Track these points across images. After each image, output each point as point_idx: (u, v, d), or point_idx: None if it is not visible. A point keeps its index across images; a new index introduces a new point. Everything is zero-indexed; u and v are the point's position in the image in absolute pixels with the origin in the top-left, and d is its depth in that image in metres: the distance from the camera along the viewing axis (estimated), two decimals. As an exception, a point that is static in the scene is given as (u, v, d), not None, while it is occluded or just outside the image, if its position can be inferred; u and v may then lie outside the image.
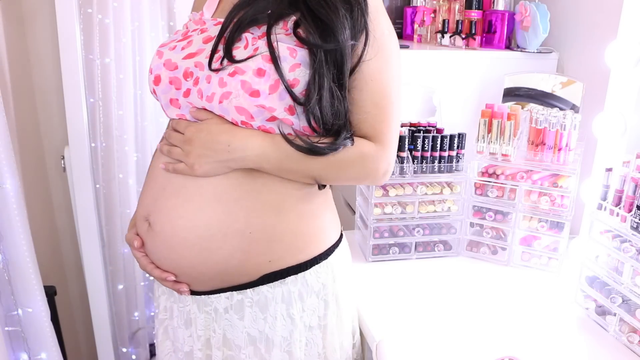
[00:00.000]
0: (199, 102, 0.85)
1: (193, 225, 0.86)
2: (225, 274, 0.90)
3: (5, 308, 1.23)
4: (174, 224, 0.87)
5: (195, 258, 0.88)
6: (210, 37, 0.87)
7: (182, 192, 0.87)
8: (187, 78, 0.86)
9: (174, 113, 0.89)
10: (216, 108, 0.83)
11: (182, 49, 0.87)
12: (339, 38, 0.79)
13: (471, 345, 1.02)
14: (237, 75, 0.80)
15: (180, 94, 0.87)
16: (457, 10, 1.61)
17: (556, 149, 1.25)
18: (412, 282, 1.26)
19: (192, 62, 0.85)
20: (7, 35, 1.47)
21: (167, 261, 0.90)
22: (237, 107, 0.81)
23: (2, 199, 1.16)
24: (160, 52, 0.89)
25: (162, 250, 0.90)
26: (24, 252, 1.21)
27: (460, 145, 1.31)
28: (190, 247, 0.87)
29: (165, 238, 0.88)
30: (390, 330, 1.06)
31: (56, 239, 1.80)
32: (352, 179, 0.92)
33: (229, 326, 0.93)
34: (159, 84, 0.88)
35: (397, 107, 0.88)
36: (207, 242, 0.87)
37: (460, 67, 1.50)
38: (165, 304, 1.01)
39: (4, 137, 1.15)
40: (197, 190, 0.86)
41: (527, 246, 1.31)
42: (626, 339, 1.02)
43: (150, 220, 0.90)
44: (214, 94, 0.82)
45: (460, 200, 1.34)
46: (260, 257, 0.89)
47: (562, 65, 1.53)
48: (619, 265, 1.04)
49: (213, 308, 0.93)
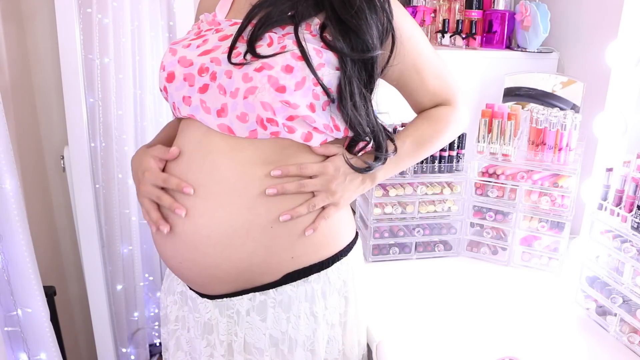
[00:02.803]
0: (220, 98, 0.83)
1: (215, 222, 0.85)
2: (248, 272, 0.88)
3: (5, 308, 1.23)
4: (195, 223, 0.85)
5: (219, 256, 0.86)
6: (226, 36, 0.86)
7: (200, 191, 0.85)
8: (202, 74, 0.84)
9: (185, 112, 0.87)
10: (240, 104, 0.82)
11: (198, 47, 0.86)
12: (368, 45, 0.83)
13: (471, 345, 1.02)
14: (264, 71, 0.81)
15: (194, 91, 0.85)
16: (458, 10, 1.61)
17: (556, 149, 1.25)
18: (412, 282, 1.26)
19: (208, 58, 0.85)
20: (7, 35, 1.47)
21: (189, 262, 0.88)
22: (263, 102, 0.81)
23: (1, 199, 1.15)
24: (173, 50, 0.88)
25: (184, 252, 0.87)
26: (23, 252, 1.21)
27: (461, 145, 1.30)
28: (213, 245, 0.85)
29: (187, 238, 0.86)
30: (390, 330, 1.06)
31: (56, 239, 1.80)
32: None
33: (250, 329, 0.91)
34: (173, 80, 0.87)
35: (447, 70, 0.99)
36: (229, 239, 0.85)
37: (460, 67, 1.50)
38: (177, 314, 0.98)
39: (4, 137, 1.14)
40: (216, 187, 0.85)
41: (527, 246, 1.31)
42: (627, 339, 1.02)
43: (170, 222, 0.88)
44: (238, 89, 0.82)
45: (461, 200, 1.34)
46: (283, 254, 0.87)
47: (562, 65, 1.53)
48: (620, 265, 1.04)
49: (235, 311, 0.91)
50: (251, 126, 0.83)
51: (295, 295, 0.90)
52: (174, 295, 0.99)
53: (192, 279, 0.91)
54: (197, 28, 0.93)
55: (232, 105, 0.83)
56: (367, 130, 0.87)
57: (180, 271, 0.91)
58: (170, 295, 1.00)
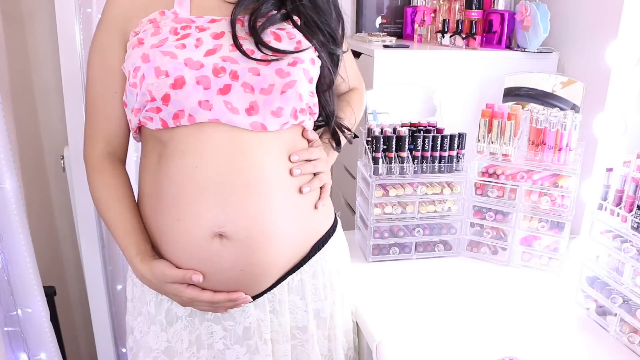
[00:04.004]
0: (246, 96, 0.83)
1: (270, 217, 0.86)
2: (292, 256, 0.92)
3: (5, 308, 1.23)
4: (251, 223, 0.84)
5: (279, 250, 0.88)
6: (218, 34, 0.85)
7: (249, 190, 0.84)
8: (219, 74, 0.82)
9: (205, 117, 0.82)
10: (277, 99, 0.84)
11: (197, 47, 0.83)
12: (338, 40, 0.95)
13: (471, 345, 1.02)
14: (298, 65, 0.85)
15: (213, 93, 0.82)
16: (458, 10, 1.61)
17: (556, 149, 1.25)
18: (412, 282, 1.26)
19: (217, 57, 0.82)
20: (7, 35, 1.47)
21: (252, 267, 0.86)
22: (300, 94, 0.86)
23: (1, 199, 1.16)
24: (167, 52, 0.81)
25: (247, 257, 0.86)
26: (23, 253, 1.21)
27: (461, 145, 1.30)
28: (274, 240, 0.87)
29: (249, 242, 0.85)
30: (390, 330, 1.06)
31: (56, 239, 1.80)
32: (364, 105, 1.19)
33: (292, 313, 0.96)
34: (183, 86, 0.81)
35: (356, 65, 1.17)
36: (283, 229, 0.88)
37: (460, 67, 1.50)
38: (189, 337, 0.93)
39: (4, 137, 1.15)
40: (262, 183, 0.85)
41: (527, 246, 1.31)
42: (627, 340, 1.02)
43: (225, 231, 0.84)
44: (273, 84, 0.83)
45: (461, 200, 1.34)
46: (309, 229, 0.94)
47: (562, 65, 1.53)
48: (620, 265, 1.04)
49: (277, 301, 0.93)
50: (284, 119, 0.86)
51: (325, 260, 0.98)
52: (177, 323, 0.93)
53: (245, 285, 0.88)
54: (153, 26, 0.86)
55: (265, 101, 0.83)
56: (334, 112, 0.98)
57: (237, 280, 0.87)
58: (169, 327, 0.93)
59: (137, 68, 0.82)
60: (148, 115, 0.84)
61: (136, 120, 0.87)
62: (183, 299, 0.87)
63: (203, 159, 0.83)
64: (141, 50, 0.83)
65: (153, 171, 0.88)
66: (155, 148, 0.88)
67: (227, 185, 0.83)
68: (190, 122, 0.83)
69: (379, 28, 1.79)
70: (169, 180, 0.85)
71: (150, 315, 0.94)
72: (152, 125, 0.85)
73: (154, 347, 0.94)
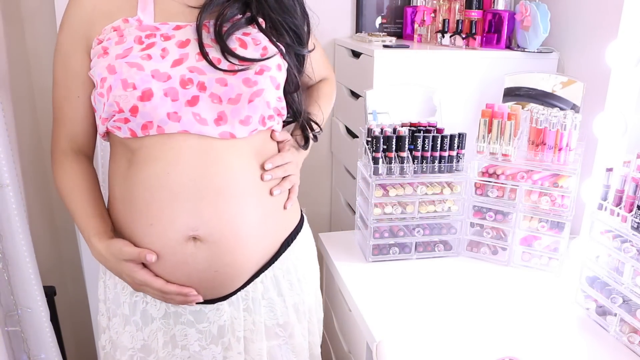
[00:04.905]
0: (214, 107, 0.83)
1: (245, 220, 0.87)
2: (264, 254, 0.94)
3: (5, 308, 1.23)
4: (226, 226, 0.85)
5: (254, 250, 0.90)
6: (183, 42, 0.83)
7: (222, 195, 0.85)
8: (187, 86, 0.82)
9: (174, 128, 0.82)
10: (245, 108, 0.84)
11: (163, 58, 0.81)
12: (304, 40, 0.96)
13: (471, 345, 1.02)
14: (265, 73, 0.85)
15: (181, 105, 0.82)
16: (458, 10, 1.61)
17: (556, 149, 1.25)
18: (412, 282, 1.26)
19: (184, 68, 0.82)
20: (7, 35, 1.47)
21: (227, 268, 0.88)
22: (267, 102, 0.86)
23: (2, 199, 1.16)
24: (135, 64, 0.80)
25: (222, 259, 0.87)
26: (23, 252, 1.21)
27: (461, 145, 1.30)
28: (248, 241, 0.89)
29: (225, 243, 0.86)
30: (390, 330, 1.06)
31: (56, 239, 1.80)
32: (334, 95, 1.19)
33: (269, 310, 0.97)
34: (151, 98, 0.80)
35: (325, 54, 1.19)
36: (257, 230, 0.90)
37: (460, 67, 1.50)
38: (164, 338, 0.94)
39: (4, 137, 1.15)
40: (233, 187, 0.86)
41: (527, 246, 1.31)
42: (627, 340, 1.02)
43: (199, 234, 0.85)
44: (240, 94, 0.83)
45: (461, 200, 1.34)
46: (279, 228, 0.97)
47: (562, 65, 1.53)
48: (620, 265, 1.04)
49: (251, 299, 0.94)
50: (252, 127, 0.87)
51: (294, 256, 1.00)
52: (152, 324, 0.93)
53: (219, 285, 0.90)
54: (117, 35, 0.84)
55: (233, 111, 0.84)
56: (302, 112, 1.00)
57: (212, 280, 0.88)
58: (145, 327, 0.93)
59: (103, 79, 0.82)
60: (116, 125, 0.84)
61: (104, 128, 0.87)
62: (135, 281, 0.87)
63: (174, 166, 0.83)
64: (106, 60, 0.82)
65: (123, 177, 0.88)
66: (124, 154, 0.88)
67: (199, 190, 0.84)
68: (159, 132, 0.83)
69: (379, 28, 1.79)
70: (141, 186, 0.85)
71: (125, 317, 0.94)
72: (120, 134, 0.85)
73: (129, 346, 0.95)
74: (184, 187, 0.84)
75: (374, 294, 1.20)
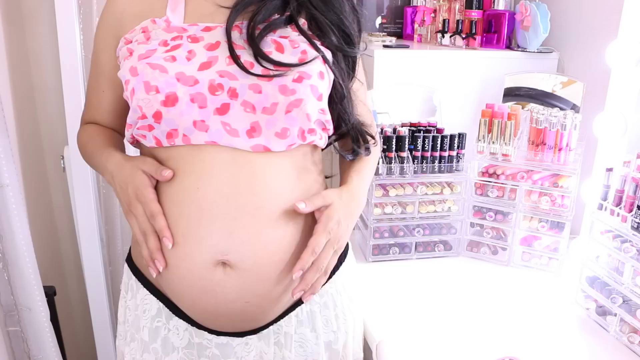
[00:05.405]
0: (247, 116, 0.75)
1: (281, 244, 0.78)
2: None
3: (5, 308, 1.23)
4: (268, 253, 0.77)
5: (286, 279, 0.80)
6: (212, 44, 0.77)
7: (257, 215, 0.76)
8: (216, 92, 0.74)
9: (200, 139, 0.75)
10: (281, 119, 0.75)
11: (189, 60, 0.74)
12: (354, 40, 0.83)
13: (471, 345, 1.02)
14: (304, 80, 0.75)
15: (210, 113, 0.74)
16: (458, 9, 1.61)
17: (557, 149, 1.25)
18: (412, 282, 1.26)
19: (213, 72, 0.74)
20: (7, 35, 1.47)
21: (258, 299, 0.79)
22: (308, 114, 0.76)
23: (2, 199, 1.16)
24: (158, 66, 0.74)
25: (253, 288, 0.78)
26: (23, 252, 1.21)
27: (461, 145, 1.30)
28: (282, 269, 0.78)
29: (257, 270, 0.77)
30: (390, 330, 1.06)
31: (56, 239, 1.80)
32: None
33: (300, 346, 0.87)
34: (175, 104, 0.73)
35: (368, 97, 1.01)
36: (295, 256, 0.79)
37: (460, 67, 1.50)
38: None
39: (4, 137, 1.15)
40: (268, 206, 0.77)
41: (527, 246, 1.31)
42: (627, 339, 1.02)
43: (229, 259, 0.76)
44: (276, 103, 0.74)
45: (461, 200, 1.34)
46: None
47: (562, 65, 1.53)
48: (620, 265, 1.04)
49: (283, 334, 0.85)
50: (290, 141, 0.78)
51: (335, 289, 0.90)
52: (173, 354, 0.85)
53: (250, 318, 0.81)
54: (143, 36, 0.80)
55: (268, 122, 0.75)
56: (354, 124, 0.86)
57: (242, 312, 0.79)
58: (165, 356, 0.86)
59: (127, 81, 0.77)
60: (141, 133, 0.78)
61: (129, 134, 0.82)
62: (136, 193, 0.76)
63: (205, 180, 0.76)
64: (130, 62, 0.77)
65: None
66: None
67: (232, 209, 0.75)
68: (185, 142, 0.76)
69: (379, 28, 1.79)
70: (169, 200, 0.77)
71: (144, 343, 0.87)
72: (146, 143, 0.79)
73: None
74: (214, 204, 0.75)
75: (373, 294, 1.20)
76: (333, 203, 0.80)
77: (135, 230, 0.79)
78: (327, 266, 0.81)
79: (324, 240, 0.78)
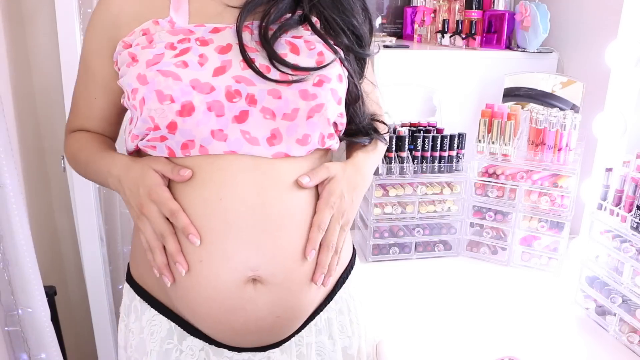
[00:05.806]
0: (266, 123, 0.71)
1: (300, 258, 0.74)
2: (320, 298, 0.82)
3: (5, 308, 1.23)
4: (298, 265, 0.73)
5: (315, 297, 0.79)
6: (224, 47, 0.72)
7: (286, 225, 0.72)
8: (234, 99, 0.69)
9: (219, 149, 0.70)
10: (302, 126, 0.71)
11: (202, 65, 0.70)
12: (365, 40, 0.81)
13: (471, 345, 1.02)
14: (325, 84, 0.72)
15: (228, 122, 0.70)
16: (457, 10, 1.61)
17: (556, 149, 1.25)
18: (412, 282, 1.26)
19: (228, 78, 0.70)
20: (7, 35, 1.47)
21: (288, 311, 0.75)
22: (328, 119, 0.73)
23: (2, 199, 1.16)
24: (168, 73, 0.68)
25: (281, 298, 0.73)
26: (23, 252, 1.21)
27: (460, 145, 1.30)
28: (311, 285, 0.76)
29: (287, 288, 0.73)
30: (390, 330, 1.06)
31: (56, 239, 1.80)
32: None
33: (319, 355, 0.86)
34: (192, 113, 0.68)
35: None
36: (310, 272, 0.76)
37: (460, 67, 1.50)
38: None
39: (4, 136, 1.15)
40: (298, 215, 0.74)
41: (527, 246, 1.31)
42: (626, 339, 1.02)
43: (260, 275, 0.71)
44: (297, 109, 0.70)
45: (460, 200, 1.34)
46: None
47: (562, 65, 1.53)
48: (619, 265, 1.04)
49: (304, 344, 0.82)
50: (310, 147, 0.74)
51: (348, 295, 0.88)
52: None
53: (277, 332, 0.77)
54: (145, 38, 0.74)
55: (289, 128, 0.71)
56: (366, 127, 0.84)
57: (271, 327, 0.75)
58: None
59: (135, 90, 0.70)
60: (150, 145, 0.73)
61: (133, 146, 0.76)
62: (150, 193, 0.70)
63: (227, 190, 0.70)
64: (136, 69, 0.71)
65: None
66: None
67: (259, 220, 0.70)
68: (202, 152, 0.71)
69: (379, 28, 1.79)
70: (187, 213, 0.71)
71: None
72: (155, 153, 0.73)
73: None
74: (240, 215, 0.70)
75: (373, 293, 1.20)
76: (336, 176, 0.76)
77: (148, 236, 0.72)
78: (337, 243, 0.77)
79: (328, 215, 0.75)
